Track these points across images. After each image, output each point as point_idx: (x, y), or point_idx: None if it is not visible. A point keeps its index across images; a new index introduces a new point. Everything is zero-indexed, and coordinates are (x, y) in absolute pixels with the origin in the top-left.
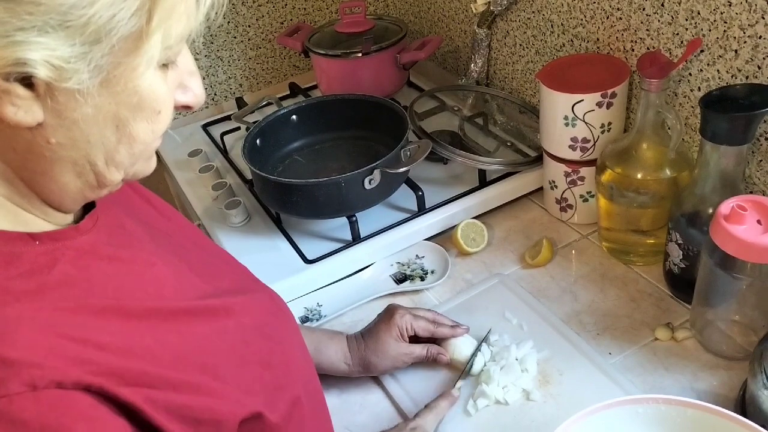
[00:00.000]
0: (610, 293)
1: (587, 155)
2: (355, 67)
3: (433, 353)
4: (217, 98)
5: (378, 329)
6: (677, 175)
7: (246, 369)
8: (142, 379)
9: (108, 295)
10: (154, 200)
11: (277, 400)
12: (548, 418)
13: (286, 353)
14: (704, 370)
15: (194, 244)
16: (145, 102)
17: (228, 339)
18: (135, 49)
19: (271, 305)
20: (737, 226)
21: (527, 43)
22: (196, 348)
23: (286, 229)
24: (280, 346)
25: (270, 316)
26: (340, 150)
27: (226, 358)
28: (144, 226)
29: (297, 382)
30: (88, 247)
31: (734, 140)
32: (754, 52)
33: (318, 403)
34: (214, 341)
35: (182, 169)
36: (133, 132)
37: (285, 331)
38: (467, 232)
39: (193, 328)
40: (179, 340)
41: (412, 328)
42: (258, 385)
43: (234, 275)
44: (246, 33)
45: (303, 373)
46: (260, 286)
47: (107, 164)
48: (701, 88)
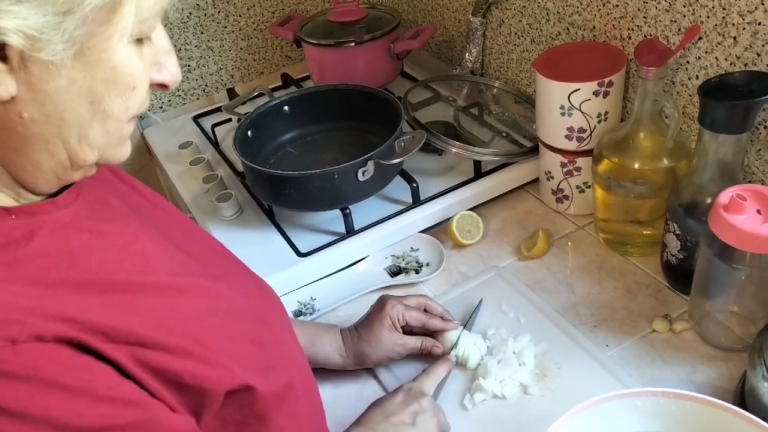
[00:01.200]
0: (607, 285)
1: (584, 145)
2: (347, 56)
3: (428, 346)
4: (208, 89)
5: (371, 320)
6: (675, 164)
7: (239, 345)
8: (128, 338)
9: (90, 268)
10: (140, 187)
11: (271, 377)
12: (546, 412)
13: (278, 337)
14: (702, 362)
15: (182, 230)
16: (119, 77)
17: (219, 317)
18: (108, 20)
19: (261, 295)
20: (736, 215)
21: (522, 31)
22: (186, 320)
23: (279, 221)
24: (271, 330)
25: (260, 304)
26: (333, 141)
27: (217, 334)
28: (129, 207)
29: (290, 367)
30: (68, 220)
31: (733, 129)
32: (753, 39)
33: (311, 391)
34: (204, 316)
35: (173, 161)
36: (107, 108)
37: (276, 317)
38: (462, 224)
39: (182, 301)
40: (168, 313)
41: (404, 318)
42: (252, 362)
43: (223, 264)
44: (237, 23)
45: (296, 360)
46: (250, 275)
47: (80, 142)
48: (699, 76)
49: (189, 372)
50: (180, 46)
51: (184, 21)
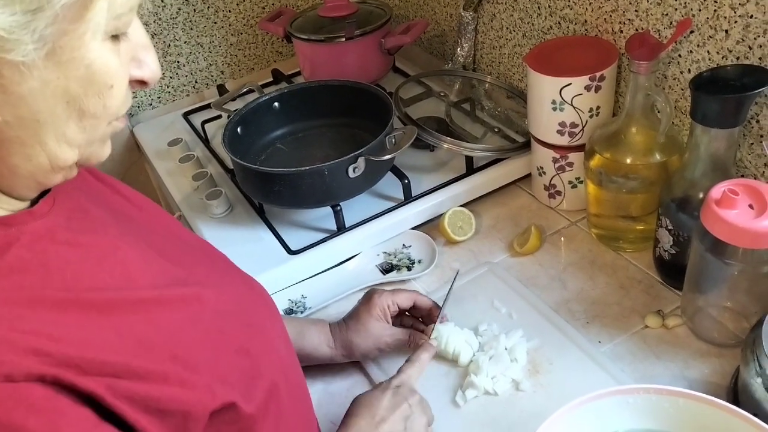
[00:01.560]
0: (600, 280)
1: (576, 140)
2: (338, 52)
3: (416, 339)
4: (198, 86)
5: (359, 311)
6: (667, 159)
7: (221, 357)
8: (103, 369)
9: (67, 285)
10: (124, 190)
11: (254, 389)
12: (538, 408)
13: (266, 340)
14: (695, 357)
15: (168, 233)
16: (95, 75)
17: (202, 327)
18: (80, 17)
19: (251, 294)
20: (729, 210)
21: (514, 26)
22: (166, 337)
23: (269, 219)
24: (260, 333)
25: (248, 304)
26: (324, 138)
27: (199, 347)
28: (110, 213)
29: (276, 368)
30: (44, 231)
31: (725, 123)
32: (745, 32)
33: (299, 391)
34: (186, 330)
35: (162, 158)
36: (84, 107)
37: (265, 319)
38: (454, 220)
39: (162, 316)
40: (146, 330)
41: (394, 303)
42: (234, 374)
43: (211, 266)
44: (227, 18)
45: (283, 361)
46: (240, 275)
47: (58, 142)
48: (691, 70)
49: (168, 397)
50: (169, 42)
51: (173, 17)
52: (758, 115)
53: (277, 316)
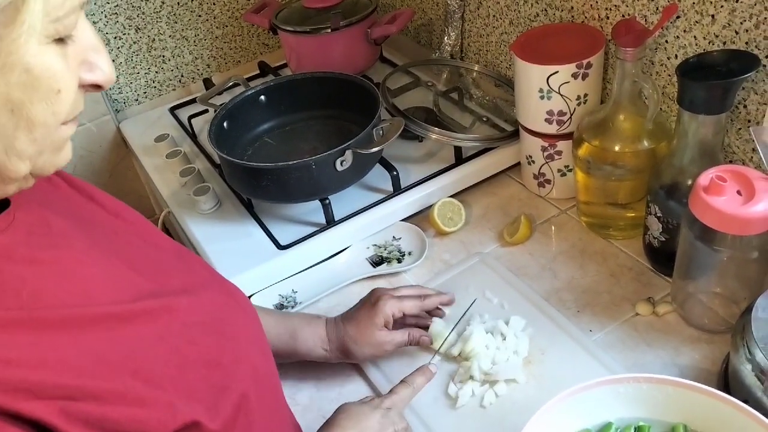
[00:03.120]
0: (590, 269)
1: (564, 128)
2: (324, 43)
3: (416, 337)
4: (184, 80)
5: (360, 316)
6: (655, 146)
7: (189, 371)
8: (56, 392)
9: (21, 304)
10: (99, 196)
11: (222, 402)
12: (531, 399)
13: (238, 349)
14: (686, 344)
15: (143, 241)
16: (39, 80)
17: (169, 340)
18: (12, 20)
19: (227, 300)
20: (717, 197)
21: (500, 13)
22: (127, 353)
23: (258, 214)
24: (232, 342)
25: (224, 312)
26: (312, 130)
27: (164, 362)
28: (79, 224)
29: (247, 378)
30: (1, 249)
31: (712, 109)
32: (731, 17)
33: (272, 398)
34: (151, 344)
35: (149, 154)
36: (31, 115)
37: (240, 327)
38: (444, 211)
39: (125, 332)
40: (106, 347)
41: (400, 311)
42: (202, 388)
43: (187, 272)
44: (211, 11)
45: (256, 370)
46: (217, 281)
47: (8, 154)
48: (678, 56)
49: (125, 418)
50: (154, 36)
51: (156, 11)
52: (745, 100)
53: (255, 321)
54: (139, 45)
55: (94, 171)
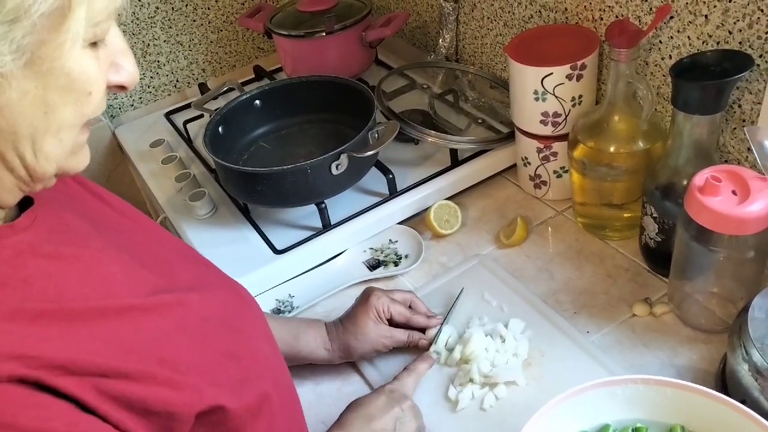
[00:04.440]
0: (587, 270)
1: (559, 130)
2: (319, 47)
3: (415, 339)
4: (179, 85)
5: (356, 313)
6: (650, 146)
7: (210, 360)
8: (90, 369)
9: (48, 297)
10: (107, 196)
11: (245, 391)
12: (531, 401)
13: (253, 345)
14: (683, 344)
15: (150, 240)
16: (75, 83)
17: (188, 332)
18: (58, 26)
19: (235, 299)
20: (712, 197)
21: (495, 15)
22: (152, 342)
23: (254, 219)
24: (246, 338)
25: (233, 310)
26: (307, 134)
27: (186, 351)
28: (91, 223)
29: (266, 376)
30: (25, 245)
31: (707, 109)
32: (725, 17)
33: (288, 394)
34: (172, 334)
35: (145, 160)
36: (62, 117)
37: (250, 323)
38: (440, 213)
39: (147, 323)
40: (132, 336)
41: (389, 310)
42: (224, 377)
43: (194, 270)
44: (206, 15)
45: (273, 368)
46: (224, 280)
47: (36, 156)
48: (672, 56)
49: (154, 397)
50: (148, 41)
51: (151, 16)
52: (740, 99)
53: (262, 320)
54: (133, 50)
55: (90, 177)
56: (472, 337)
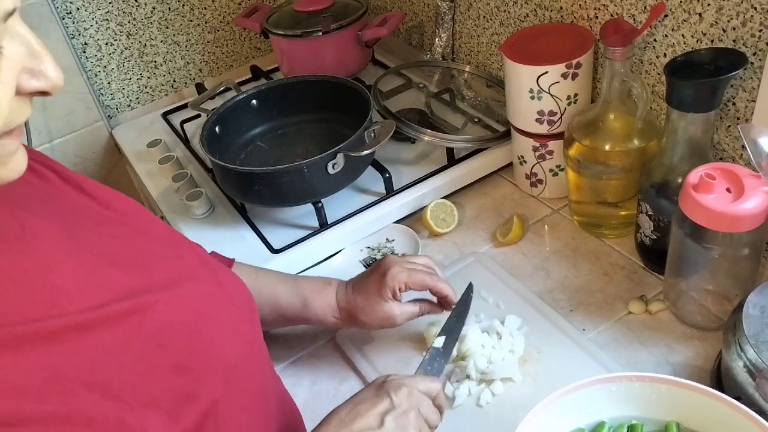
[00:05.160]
0: (583, 268)
1: (555, 128)
2: (316, 46)
3: (426, 309)
4: (176, 85)
5: (369, 287)
6: (645, 144)
7: (153, 378)
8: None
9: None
10: (91, 188)
11: (186, 410)
12: (527, 398)
13: (212, 351)
14: (679, 342)
15: (133, 231)
16: None
17: (136, 346)
18: None
19: (214, 291)
20: (706, 195)
21: (491, 14)
22: (86, 365)
23: (251, 218)
24: (207, 343)
25: (207, 306)
26: (304, 134)
27: (127, 370)
28: (63, 221)
29: (217, 383)
30: None
31: (701, 107)
32: (719, 15)
33: (254, 396)
34: (114, 353)
35: (142, 160)
36: None
37: (223, 321)
38: (437, 212)
39: (87, 342)
40: (63, 360)
41: (407, 285)
42: (165, 396)
43: (175, 261)
44: (202, 15)
45: (234, 370)
46: (209, 269)
47: None
48: (667, 54)
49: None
50: (145, 41)
51: (147, 16)
52: (734, 97)
53: (242, 312)
54: (130, 51)
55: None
56: (469, 334)
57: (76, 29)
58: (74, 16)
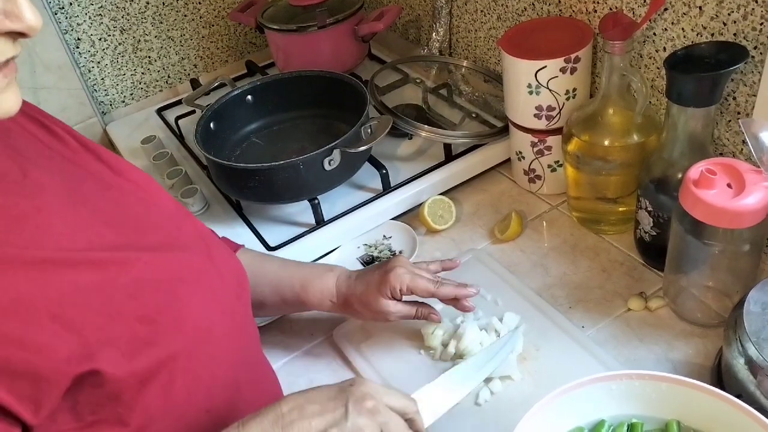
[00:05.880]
0: (582, 264)
1: (553, 124)
2: (311, 41)
3: (424, 313)
4: (171, 81)
5: (370, 280)
6: (645, 139)
7: (117, 322)
8: None
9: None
10: (106, 156)
11: (142, 354)
12: (526, 396)
13: (183, 312)
14: (679, 339)
15: (138, 199)
16: None
17: (108, 291)
18: None
19: (204, 263)
20: (707, 190)
21: (488, 8)
22: (54, 298)
23: (247, 215)
24: (181, 305)
25: (192, 274)
26: (300, 130)
27: (94, 310)
28: (67, 177)
29: (181, 340)
30: None
31: (701, 101)
32: (719, 8)
33: (218, 366)
34: (85, 293)
35: (136, 157)
36: None
37: (204, 290)
38: (434, 209)
39: (60, 277)
40: (31, 289)
41: (409, 289)
42: (124, 339)
43: (171, 231)
44: (197, 10)
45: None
46: (204, 244)
47: None
48: (667, 48)
49: (19, 360)
50: (139, 37)
51: (141, 11)
52: (735, 92)
53: (230, 287)
54: (124, 46)
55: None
56: (467, 332)
57: (69, 24)
58: (67, 11)
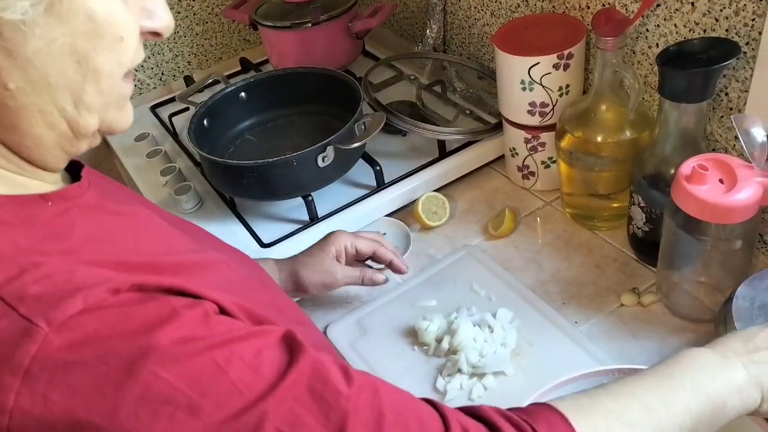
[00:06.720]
0: (575, 260)
1: (546, 120)
2: (305, 38)
3: (368, 276)
4: (165, 78)
5: (312, 247)
6: (638, 135)
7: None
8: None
9: (139, 251)
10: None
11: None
12: (519, 391)
13: (285, 298)
14: (672, 334)
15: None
16: (103, 28)
17: (241, 285)
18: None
19: (250, 263)
20: (699, 186)
21: (482, 5)
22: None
23: (241, 212)
24: (277, 292)
25: (255, 270)
26: (294, 127)
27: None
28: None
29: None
30: (95, 202)
31: (693, 97)
32: (711, 5)
33: None
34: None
35: (130, 154)
36: (97, 65)
37: (267, 278)
38: (428, 205)
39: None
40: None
41: (353, 246)
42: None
43: (208, 239)
44: (190, 7)
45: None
46: (230, 248)
47: (77, 107)
48: (659, 44)
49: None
50: None
51: None
52: (727, 88)
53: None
54: None
55: None
56: (460, 328)
57: None
58: None
